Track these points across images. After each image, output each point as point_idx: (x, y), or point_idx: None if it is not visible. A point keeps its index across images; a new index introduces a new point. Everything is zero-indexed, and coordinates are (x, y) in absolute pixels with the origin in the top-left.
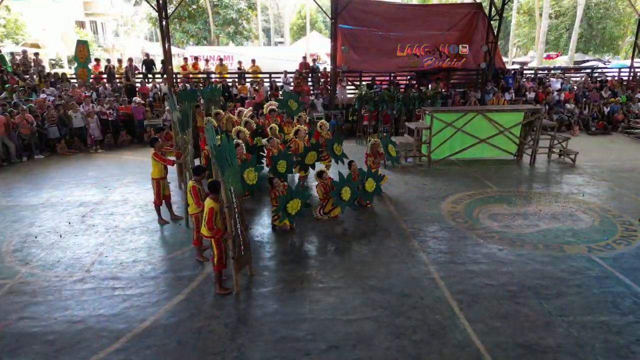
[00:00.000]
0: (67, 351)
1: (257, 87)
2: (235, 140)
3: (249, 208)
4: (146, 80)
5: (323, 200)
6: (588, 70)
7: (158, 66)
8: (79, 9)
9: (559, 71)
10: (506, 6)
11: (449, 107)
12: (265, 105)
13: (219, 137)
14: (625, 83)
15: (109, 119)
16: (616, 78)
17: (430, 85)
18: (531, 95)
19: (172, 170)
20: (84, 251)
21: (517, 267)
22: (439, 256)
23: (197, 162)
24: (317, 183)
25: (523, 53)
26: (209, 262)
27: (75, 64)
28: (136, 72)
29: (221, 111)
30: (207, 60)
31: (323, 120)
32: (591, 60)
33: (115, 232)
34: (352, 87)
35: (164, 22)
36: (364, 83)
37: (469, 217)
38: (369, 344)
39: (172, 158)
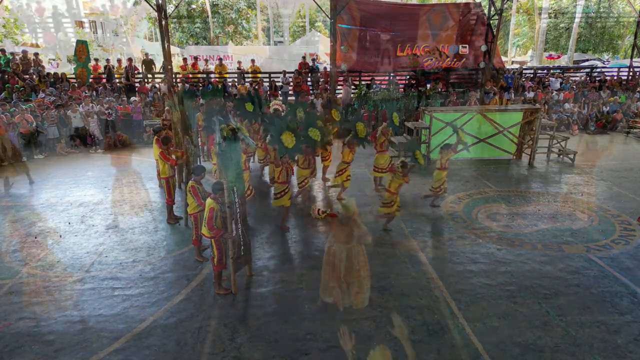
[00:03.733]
0: (66, 351)
1: (256, 87)
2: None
3: (249, 208)
4: (145, 80)
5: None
6: (587, 70)
7: (158, 66)
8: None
9: (558, 71)
10: (505, 5)
11: (448, 106)
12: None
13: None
14: (624, 83)
15: (109, 119)
16: (615, 78)
17: (429, 85)
18: (530, 94)
19: None
20: (84, 251)
21: (516, 267)
22: (437, 256)
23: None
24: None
25: (522, 52)
26: (208, 262)
27: (75, 65)
28: (136, 72)
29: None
30: (206, 60)
31: None
32: (590, 59)
33: (114, 232)
34: (352, 87)
35: (163, 22)
36: (363, 83)
37: (467, 216)
38: (367, 344)
39: (174, 157)
